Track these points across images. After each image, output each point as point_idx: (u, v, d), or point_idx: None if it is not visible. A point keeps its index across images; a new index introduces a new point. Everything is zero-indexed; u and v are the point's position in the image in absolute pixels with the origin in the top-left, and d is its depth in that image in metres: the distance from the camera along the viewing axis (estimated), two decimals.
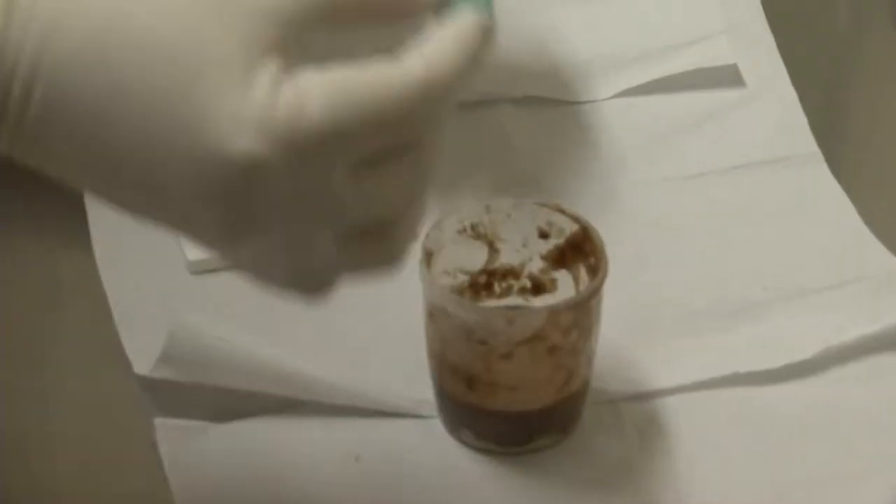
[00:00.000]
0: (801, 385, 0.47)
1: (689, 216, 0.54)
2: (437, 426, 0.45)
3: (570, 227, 0.45)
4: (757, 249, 0.53)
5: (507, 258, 0.47)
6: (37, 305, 0.51)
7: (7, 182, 0.52)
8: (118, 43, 0.28)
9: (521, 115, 0.58)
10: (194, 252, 0.50)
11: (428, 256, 0.43)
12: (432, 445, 0.46)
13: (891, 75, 0.62)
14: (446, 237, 0.45)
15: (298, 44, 0.29)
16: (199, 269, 0.50)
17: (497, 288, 0.47)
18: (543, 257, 0.46)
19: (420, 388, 0.45)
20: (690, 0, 0.63)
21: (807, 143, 0.56)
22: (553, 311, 0.42)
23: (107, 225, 0.51)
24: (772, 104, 0.58)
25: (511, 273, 0.47)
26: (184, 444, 0.44)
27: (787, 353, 0.47)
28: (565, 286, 0.46)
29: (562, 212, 0.46)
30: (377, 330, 0.48)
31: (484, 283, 0.47)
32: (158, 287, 0.50)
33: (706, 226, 0.54)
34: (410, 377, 0.46)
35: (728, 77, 0.59)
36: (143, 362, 0.45)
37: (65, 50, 0.28)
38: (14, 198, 0.53)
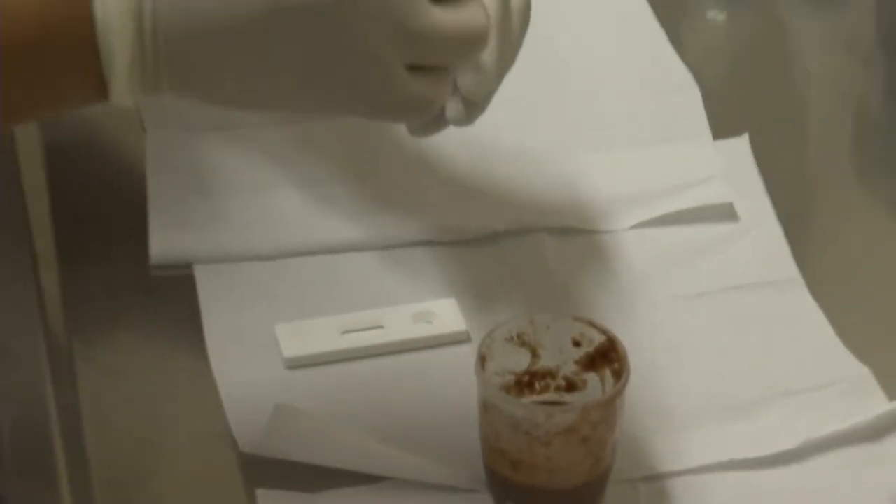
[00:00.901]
0: (788, 471, 0.51)
1: (694, 328, 0.58)
2: (487, 499, 0.50)
3: (599, 338, 0.49)
4: (749, 357, 0.57)
5: (546, 362, 0.50)
6: (153, 396, 0.54)
7: (125, 292, 0.59)
8: None
9: (556, 243, 0.62)
10: (289, 349, 0.55)
11: (482, 360, 0.47)
12: None
13: (853, 215, 0.67)
14: (497, 344, 0.49)
15: None
16: (293, 365, 0.54)
17: (537, 386, 0.50)
18: (576, 362, 0.50)
19: (473, 468, 0.50)
20: (693, 149, 0.67)
21: (789, 268, 0.60)
22: (585, 409, 0.47)
23: (218, 328, 0.56)
24: (760, 236, 0.62)
25: (549, 374, 0.50)
26: None
27: (774, 444, 0.51)
28: (593, 386, 0.50)
29: (592, 325, 0.50)
30: (441, 420, 0.53)
31: (527, 381, 0.50)
32: (260, 379, 0.54)
33: (708, 337, 0.58)
34: (466, 458, 0.50)
35: (725, 213, 0.63)
36: (247, 443, 0.50)
37: None
38: (133, 305, 0.59)
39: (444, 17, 0.44)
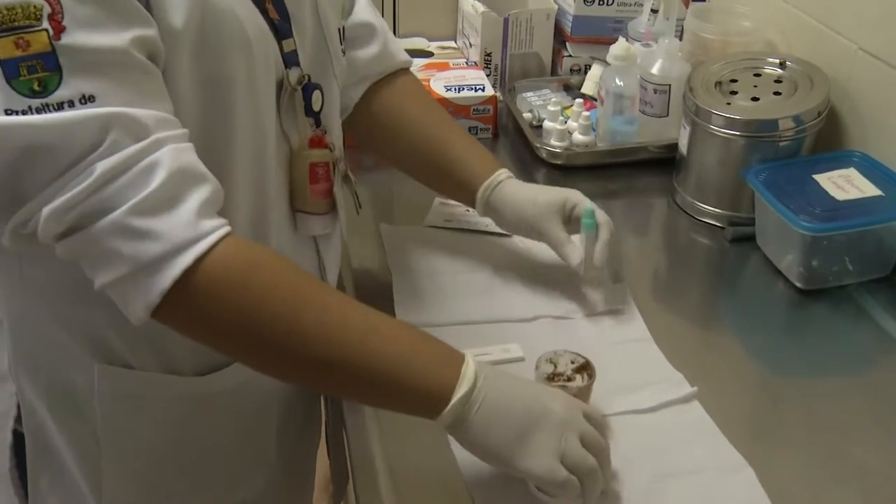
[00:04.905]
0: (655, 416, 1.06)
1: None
2: None
3: (581, 360, 1.03)
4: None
5: (559, 369, 1.01)
6: None
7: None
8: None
9: (562, 323, 1.20)
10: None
11: (536, 368, 1.03)
12: None
13: None
14: (541, 362, 1.04)
15: None
16: None
17: (557, 378, 1.01)
18: (572, 370, 1.02)
19: None
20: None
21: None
22: (578, 389, 1.01)
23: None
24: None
25: (561, 375, 1.01)
26: None
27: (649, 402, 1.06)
28: (580, 379, 1.00)
29: (579, 354, 1.04)
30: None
31: (552, 377, 1.00)
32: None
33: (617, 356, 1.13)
34: None
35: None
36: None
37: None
38: None
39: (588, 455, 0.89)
